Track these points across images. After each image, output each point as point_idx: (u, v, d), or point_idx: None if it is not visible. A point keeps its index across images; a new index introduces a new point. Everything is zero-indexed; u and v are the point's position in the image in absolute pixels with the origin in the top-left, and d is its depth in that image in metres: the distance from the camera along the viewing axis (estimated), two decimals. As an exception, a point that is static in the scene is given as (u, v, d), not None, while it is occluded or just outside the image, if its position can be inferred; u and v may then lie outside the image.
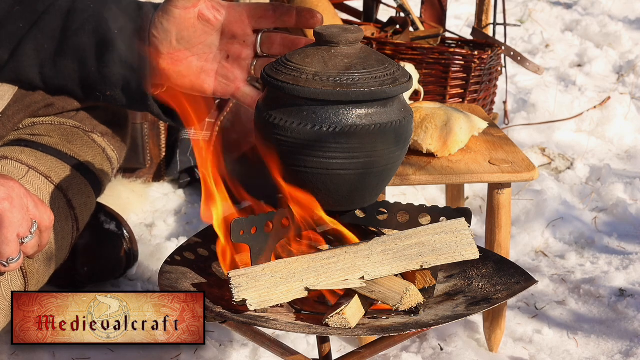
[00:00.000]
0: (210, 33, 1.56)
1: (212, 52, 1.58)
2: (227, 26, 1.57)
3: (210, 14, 1.55)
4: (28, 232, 1.43)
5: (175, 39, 1.56)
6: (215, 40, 1.57)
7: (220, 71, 1.58)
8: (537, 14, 4.28)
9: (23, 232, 1.42)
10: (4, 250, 1.41)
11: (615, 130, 3.14)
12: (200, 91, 1.60)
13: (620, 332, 2.12)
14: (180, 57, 1.57)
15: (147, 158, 2.69)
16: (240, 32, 1.56)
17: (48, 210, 1.47)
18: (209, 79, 1.59)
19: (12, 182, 1.41)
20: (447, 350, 2.01)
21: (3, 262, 1.43)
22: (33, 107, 1.71)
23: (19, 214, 1.41)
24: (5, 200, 1.39)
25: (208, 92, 1.60)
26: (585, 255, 2.45)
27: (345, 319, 1.35)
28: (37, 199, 1.45)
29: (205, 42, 1.57)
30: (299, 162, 1.39)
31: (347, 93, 1.36)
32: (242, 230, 1.39)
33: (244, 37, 1.57)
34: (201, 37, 1.56)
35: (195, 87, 1.59)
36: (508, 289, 1.44)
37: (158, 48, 1.56)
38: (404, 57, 2.25)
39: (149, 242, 2.40)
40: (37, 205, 1.45)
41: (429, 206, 1.49)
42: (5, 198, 1.40)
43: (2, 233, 1.40)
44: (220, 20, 1.56)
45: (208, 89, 1.59)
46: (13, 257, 1.43)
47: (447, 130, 1.90)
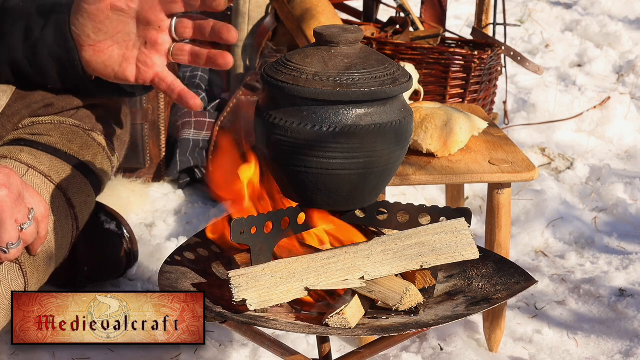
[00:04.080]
0: (126, 22, 1.60)
1: (132, 39, 1.62)
2: (141, 13, 1.60)
3: (123, 3, 1.58)
4: (26, 218, 1.46)
5: (92, 32, 1.60)
6: (132, 28, 1.61)
7: (140, 58, 1.62)
8: (537, 14, 4.28)
9: (21, 219, 1.45)
10: (4, 236, 1.43)
11: (615, 130, 3.14)
12: (123, 79, 1.64)
13: (620, 332, 2.12)
14: (102, 48, 1.61)
15: (147, 158, 2.69)
16: (154, 18, 1.59)
17: (43, 200, 1.49)
18: (131, 66, 1.63)
19: (9, 170, 1.44)
20: (447, 350, 2.01)
21: (3, 248, 1.44)
22: (33, 106, 1.71)
23: (16, 200, 1.42)
24: (3, 186, 1.41)
25: (131, 80, 1.64)
26: (585, 255, 2.45)
27: (345, 319, 1.35)
28: (32, 189, 1.49)
29: (124, 30, 1.61)
30: (299, 162, 1.39)
31: (347, 93, 1.36)
32: (242, 230, 1.39)
33: (159, 23, 1.60)
34: (118, 26, 1.60)
35: (119, 76, 1.63)
36: (508, 289, 1.44)
37: (79, 42, 1.61)
38: (404, 57, 2.25)
39: (149, 242, 2.40)
40: (32, 194, 1.49)
41: (429, 206, 1.49)
42: (3, 184, 1.41)
43: (0, 218, 1.41)
44: (134, 7, 1.59)
45: (130, 76, 1.63)
46: (13, 242, 1.44)
47: (447, 130, 1.90)
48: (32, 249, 1.54)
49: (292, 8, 2.58)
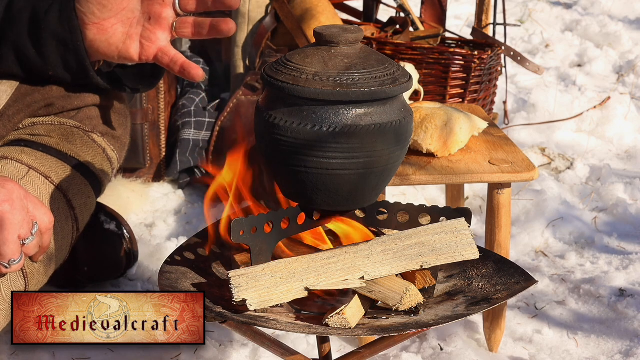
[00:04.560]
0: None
1: (135, 16, 1.61)
2: None
3: None
4: (29, 233, 1.43)
5: (97, 9, 1.60)
6: (137, 4, 1.61)
7: (143, 34, 1.62)
8: (537, 14, 4.28)
9: (24, 234, 1.42)
10: (6, 252, 1.41)
11: (615, 130, 3.14)
12: (127, 57, 1.64)
13: (620, 332, 2.12)
14: (106, 26, 1.61)
15: (147, 158, 2.69)
16: None
17: (48, 212, 1.47)
18: (134, 44, 1.62)
19: (12, 184, 1.41)
20: (447, 350, 2.01)
21: (5, 263, 1.43)
22: (33, 107, 1.71)
23: (19, 215, 1.41)
24: (5, 202, 1.39)
25: (134, 57, 1.64)
26: (585, 255, 2.45)
27: (345, 319, 1.35)
28: (37, 200, 1.45)
29: (128, 7, 1.60)
30: (299, 162, 1.39)
31: (347, 93, 1.36)
32: (242, 230, 1.39)
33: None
34: (123, 2, 1.60)
35: (122, 54, 1.63)
36: (508, 289, 1.44)
37: (84, 20, 1.61)
38: (404, 57, 2.25)
39: (149, 242, 2.40)
40: (37, 206, 1.45)
41: (429, 206, 1.49)
42: (6, 200, 1.39)
43: (3, 235, 1.40)
44: None
45: (134, 54, 1.63)
46: (14, 258, 1.43)
47: (447, 130, 1.90)
48: (33, 257, 1.52)
49: (292, 8, 2.58)
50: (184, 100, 2.72)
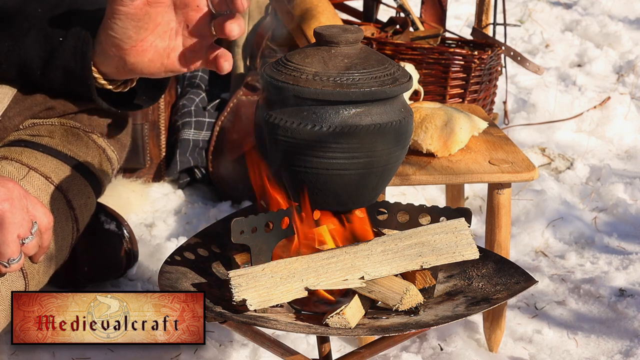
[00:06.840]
0: (164, 12, 1.54)
1: (173, 28, 1.56)
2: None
3: None
4: (29, 232, 1.43)
5: (133, 32, 1.54)
6: (171, 16, 1.55)
7: (185, 43, 1.57)
8: (537, 14, 4.28)
9: (24, 233, 1.43)
10: (5, 251, 1.41)
11: (615, 130, 3.14)
12: (174, 70, 1.58)
13: (620, 332, 2.12)
14: (145, 46, 1.56)
15: (147, 158, 2.69)
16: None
17: (47, 211, 1.47)
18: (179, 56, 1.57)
19: (12, 183, 1.41)
20: (447, 350, 2.01)
21: (4, 263, 1.43)
22: (34, 109, 1.71)
23: (19, 214, 1.41)
24: (5, 201, 1.39)
25: (182, 69, 1.58)
26: (585, 255, 2.45)
27: (345, 319, 1.35)
28: (36, 200, 1.45)
29: (163, 21, 1.55)
30: (299, 162, 1.39)
31: (347, 93, 1.36)
32: (242, 230, 1.39)
33: (196, 2, 1.54)
34: (157, 18, 1.54)
35: (169, 68, 1.58)
36: (508, 289, 1.44)
37: (121, 46, 1.56)
38: (404, 57, 2.25)
39: (149, 242, 2.40)
40: (36, 206, 1.45)
41: (429, 206, 1.49)
42: (6, 199, 1.40)
43: (2, 234, 1.40)
44: None
45: (182, 65, 1.58)
46: (14, 257, 1.43)
47: (447, 130, 1.90)
48: (34, 258, 1.52)
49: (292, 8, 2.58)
50: (184, 100, 2.72)
